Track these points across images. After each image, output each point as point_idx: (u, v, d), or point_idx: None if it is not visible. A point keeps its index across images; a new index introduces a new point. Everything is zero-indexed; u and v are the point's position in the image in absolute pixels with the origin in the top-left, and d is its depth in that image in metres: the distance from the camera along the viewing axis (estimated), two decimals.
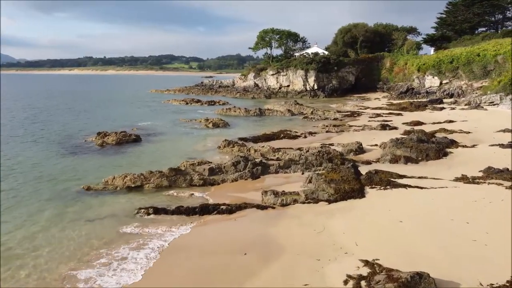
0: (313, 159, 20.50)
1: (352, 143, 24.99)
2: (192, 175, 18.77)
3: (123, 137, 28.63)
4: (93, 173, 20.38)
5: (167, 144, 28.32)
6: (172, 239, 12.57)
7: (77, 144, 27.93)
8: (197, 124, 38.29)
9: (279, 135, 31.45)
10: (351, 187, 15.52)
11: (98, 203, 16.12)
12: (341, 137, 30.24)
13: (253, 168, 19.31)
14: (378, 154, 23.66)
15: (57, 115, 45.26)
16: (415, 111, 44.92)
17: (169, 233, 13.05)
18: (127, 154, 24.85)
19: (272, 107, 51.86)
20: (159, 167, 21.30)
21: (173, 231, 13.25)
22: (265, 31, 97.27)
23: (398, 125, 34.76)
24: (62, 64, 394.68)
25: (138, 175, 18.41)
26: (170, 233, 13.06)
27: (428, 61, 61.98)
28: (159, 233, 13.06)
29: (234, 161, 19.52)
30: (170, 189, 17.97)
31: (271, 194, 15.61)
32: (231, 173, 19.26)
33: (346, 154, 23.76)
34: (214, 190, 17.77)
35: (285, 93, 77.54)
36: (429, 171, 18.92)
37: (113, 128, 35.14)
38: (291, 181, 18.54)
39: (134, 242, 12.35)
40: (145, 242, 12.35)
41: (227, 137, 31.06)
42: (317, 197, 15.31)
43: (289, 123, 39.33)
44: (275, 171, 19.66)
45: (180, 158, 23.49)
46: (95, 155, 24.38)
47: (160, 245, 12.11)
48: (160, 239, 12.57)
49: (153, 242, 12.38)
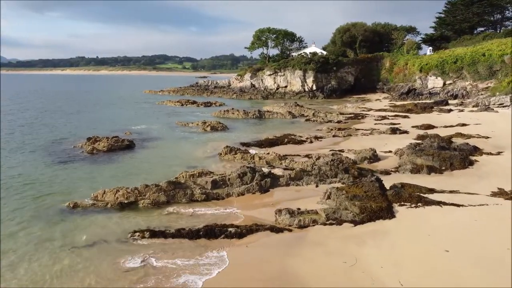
0: (327, 169, 18.43)
1: (366, 150, 22.96)
2: (193, 188, 16.63)
3: (115, 143, 26.40)
4: (81, 186, 18.20)
5: (163, 150, 26.13)
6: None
7: (65, 150, 25.65)
8: (194, 127, 36.13)
9: (283, 140, 29.40)
10: (379, 205, 13.47)
11: (86, 224, 13.94)
12: (350, 142, 28.23)
13: (261, 181, 17.22)
14: (394, 162, 21.69)
15: (46, 117, 42.84)
16: (421, 113, 43.04)
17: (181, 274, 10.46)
18: (120, 163, 22.63)
19: (271, 109, 49.85)
20: (155, 178, 19.24)
21: (182, 267, 10.88)
22: (261, 30, 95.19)
23: (408, 128, 32.83)
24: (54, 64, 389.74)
25: (132, 189, 16.25)
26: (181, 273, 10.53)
27: (431, 61, 60.18)
28: (168, 272, 10.56)
29: (240, 173, 17.42)
30: (169, 205, 15.84)
31: (286, 214, 13.53)
32: (237, 186, 17.16)
33: (359, 162, 21.77)
34: (219, 206, 15.65)
35: (283, 94, 75.48)
36: (458, 184, 16.95)
37: (104, 131, 32.94)
38: (305, 195, 16.47)
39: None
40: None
41: (227, 141, 29.05)
42: (339, 217, 13.24)
43: (291, 127, 37.28)
44: (286, 184, 17.58)
45: (178, 167, 21.40)
46: (84, 164, 22.12)
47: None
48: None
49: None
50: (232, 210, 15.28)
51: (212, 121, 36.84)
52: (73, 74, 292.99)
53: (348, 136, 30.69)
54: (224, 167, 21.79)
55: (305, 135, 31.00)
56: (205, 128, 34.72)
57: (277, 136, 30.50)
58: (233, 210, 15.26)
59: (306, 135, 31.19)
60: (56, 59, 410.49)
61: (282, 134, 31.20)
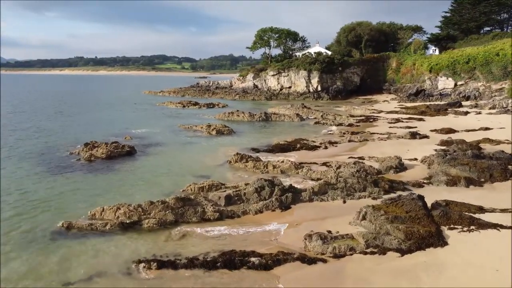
0: (354, 182, 16.39)
1: (390, 158, 20.93)
2: (204, 205, 14.57)
3: (115, 149, 24.33)
4: (77, 201, 16.16)
5: (167, 158, 24.04)
6: None
7: (60, 158, 23.56)
8: (198, 131, 34.07)
9: (295, 145, 27.38)
10: (427, 230, 11.42)
11: (82, 251, 11.90)
12: (368, 148, 26.20)
13: (282, 196, 15.18)
14: (423, 172, 19.67)
15: (42, 120, 40.70)
16: (436, 115, 41.04)
17: None
18: (120, 173, 20.53)
19: (277, 110, 47.85)
20: (159, 190, 17.26)
21: None
22: (264, 30, 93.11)
23: (427, 132, 30.81)
24: (52, 64, 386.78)
25: (135, 207, 14.18)
26: None
27: (442, 61, 58.16)
28: None
29: (257, 186, 15.37)
30: (177, 225, 13.80)
31: (317, 239, 11.48)
32: (254, 201, 15.11)
33: (384, 172, 19.75)
34: (235, 227, 13.60)
35: (287, 94, 73.48)
36: (504, 199, 14.93)
37: (103, 136, 30.93)
38: (332, 213, 14.42)
39: None
40: None
41: (235, 147, 27.09)
42: (382, 244, 11.19)
43: (300, 130, 35.25)
44: (309, 199, 15.52)
45: (184, 177, 19.40)
46: (81, 175, 20.02)
47: None
48: None
49: None
50: (250, 231, 13.25)
51: (217, 124, 34.79)
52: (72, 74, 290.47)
53: (364, 141, 28.65)
54: (235, 177, 19.78)
55: (319, 140, 28.96)
56: (210, 131, 32.67)
57: (288, 141, 28.46)
58: (251, 231, 13.22)
59: (319, 140, 29.15)
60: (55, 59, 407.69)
61: (294, 139, 29.14)
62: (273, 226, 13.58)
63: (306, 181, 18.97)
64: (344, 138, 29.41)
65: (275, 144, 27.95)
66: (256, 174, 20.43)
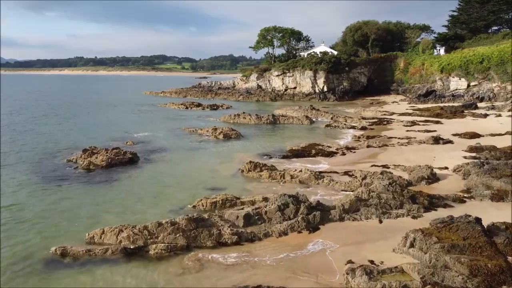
0: (389, 197, 14.41)
1: (421, 167, 18.96)
2: (220, 226, 12.59)
3: (116, 156, 22.33)
4: (73, 219, 14.20)
5: (173, 166, 22.05)
6: None
7: (56, 166, 21.57)
8: (204, 134, 32.09)
9: (310, 151, 25.42)
10: (496, 264, 9.43)
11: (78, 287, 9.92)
12: (389, 155, 24.23)
13: (309, 215, 13.19)
14: (458, 184, 17.72)
15: (39, 123, 38.67)
16: (453, 118, 39.08)
17: None
18: (121, 184, 18.53)
19: (285, 112, 45.88)
20: (166, 206, 15.34)
21: None
22: (267, 29, 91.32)
23: (448, 136, 28.82)
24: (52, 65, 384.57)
25: (140, 229, 12.20)
26: None
27: (454, 61, 56.14)
28: None
29: (281, 204, 13.38)
30: (189, 250, 11.83)
31: (362, 275, 9.49)
32: (277, 221, 13.13)
33: (415, 183, 17.80)
34: (257, 253, 11.64)
35: (292, 95, 71.51)
36: None
37: (103, 140, 29.03)
38: (370, 236, 12.43)
39: None
40: None
41: (245, 152, 25.24)
42: (442, 281, 9.20)
43: (312, 134, 33.27)
44: (339, 218, 13.52)
45: (193, 190, 17.46)
46: (78, 186, 18.02)
47: None
48: None
49: None
50: (275, 258, 11.28)
51: (224, 128, 32.82)
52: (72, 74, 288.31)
53: (383, 146, 26.68)
54: (250, 189, 17.82)
55: (334, 145, 26.98)
56: (217, 135, 30.70)
57: (302, 147, 26.48)
58: (277, 258, 11.25)
59: (335, 145, 27.17)
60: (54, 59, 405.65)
61: (308, 144, 27.16)
62: (303, 252, 11.61)
63: (334, 193, 17.04)
64: (361, 143, 27.43)
65: (288, 150, 26.01)
66: (272, 184, 18.50)
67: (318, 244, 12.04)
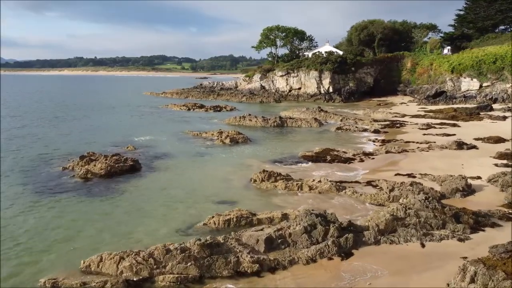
0: (429, 215, 12.56)
1: (454, 177, 17.13)
2: (238, 252, 10.76)
3: (116, 164, 20.48)
4: (66, 240, 12.37)
5: (178, 175, 20.14)
6: None
7: (50, 175, 19.72)
8: (209, 138, 30.29)
9: (325, 157, 23.62)
10: None
11: None
12: (411, 162, 22.42)
13: (340, 237, 11.36)
14: (497, 197, 15.92)
15: (35, 126, 36.80)
16: (469, 120, 37.26)
17: None
18: (122, 197, 16.65)
19: (291, 114, 44.07)
20: (173, 225, 13.49)
21: None
22: (270, 28, 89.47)
23: (469, 140, 27.01)
24: (52, 65, 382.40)
25: (145, 256, 10.36)
26: None
27: (465, 61, 54.28)
28: None
29: (307, 225, 11.55)
30: (202, 282, 10.01)
31: None
32: (303, 245, 11.29)
33: (449, 196, 16.00)
34: (282, 282, 9.82)
35: (296, 96, 69.71)
36: None
37: (102, 144, 27.28)
38: (414, 264, 10.58)
39: None
40: None
41: (255, 159, 23.53)
42: None
43: (323, 138, 31.43)
44: (374, 240, 11.68)
45: (202, 204, 15.68)
46: (74, 200, 16.16)
47: None
48: None
49: None
50: None
51: (230, 131, 30.98)
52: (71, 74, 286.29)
53: (403, 152, 24.85)
54: (265, 201, 16.01)
55: (350, 151, 25.11)
56: (223, 140, 28.86)
57: (316, 152, 24.67)
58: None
59: (351, 150, 25.31)
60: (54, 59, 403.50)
61: (321, 149, 25.34)
62: (339, 284, 9.78)
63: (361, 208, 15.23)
64: (379, 148, 25.62)
65: (301, 155, 24.20)
66: (290, 196, 16.69)
67: (353, 274, 10.22)
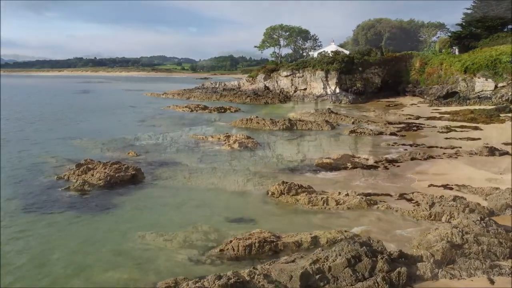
0: (493, 242, 10.48)
1: (502, 191, 15.07)
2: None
3: (116, 173, 18.39)
4: (55, 272, 10.27)
5: (185, 187, 17.96)
6: None
7: (43, 186, 17.63)
8: (216, 142, 28.25)
9: (345, 164, 21.60)
10: None
11: None
12: (442, 170, 20.36)
13: (390, 272, 9.28)
14: None
15: (30, 128, 34.72)
16: (490, 122, 35.20)
17: None
18: (123, 215, 14.51)
19: (300, 116, 42.00)
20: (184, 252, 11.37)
21: None
22: (273, 27, 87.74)
23: (497, 145, 24.94)
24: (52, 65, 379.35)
25: None
26: None
27: (479, 60, 52.15)
28: None
29: (350, 257, 9.46)
30: None
31: None
32: (347, 282, 9.20)
33: (498, 212, 13.93)
34: None
35: (301, 97, 67.63)
36: None
37: (101, 150, 25.15)
38: None
39: None
40: None
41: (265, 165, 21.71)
42: None
43: (338, 142, 29.42)
44: (431, 275, 9.59)
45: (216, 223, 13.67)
46: (68, 219, 14.00)
47: None
48: None
49: None
50: None
51: (238, 135, 28.96)
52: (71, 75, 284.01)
53: (429, 158, 22.80)
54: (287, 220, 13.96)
55: (371, 157, 23.07)
56: (232, 144, 26.79)
57: (334, 158, 22.60)
58: None
59: (372, 156, 23.27)
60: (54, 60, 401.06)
61: (340, 156, 23.26)
62: None
63: (403, 226, 13.16)
64: (403, 155, 23.54)
65: (317, 163, 22.13)
66: (315, 213, 14.62)
67: None
